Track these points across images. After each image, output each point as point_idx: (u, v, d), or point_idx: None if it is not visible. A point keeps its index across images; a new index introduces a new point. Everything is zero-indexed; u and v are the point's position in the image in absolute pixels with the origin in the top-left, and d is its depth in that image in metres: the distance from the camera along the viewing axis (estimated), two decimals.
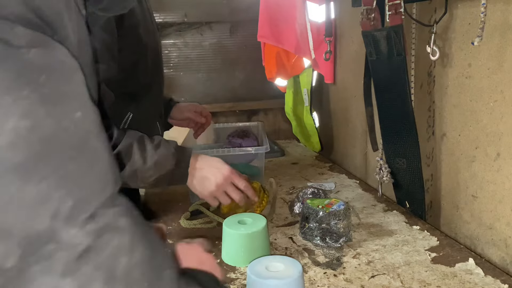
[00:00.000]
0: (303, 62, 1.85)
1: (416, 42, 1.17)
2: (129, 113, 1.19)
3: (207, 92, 2.32)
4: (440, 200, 1.19)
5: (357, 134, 1.67)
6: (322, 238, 1.04)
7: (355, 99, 1.64)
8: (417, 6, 1.15)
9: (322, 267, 0.96)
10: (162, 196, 1.45)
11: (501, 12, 0.91)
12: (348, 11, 1.50)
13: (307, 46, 1.52)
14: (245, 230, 0.99)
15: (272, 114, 2.39)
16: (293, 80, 1.98)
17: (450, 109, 1.11)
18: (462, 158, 1.08)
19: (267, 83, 2.03)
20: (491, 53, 0.95)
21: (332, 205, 1.07)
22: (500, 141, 0.95)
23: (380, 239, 1.08)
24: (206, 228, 1.18)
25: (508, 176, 0.94)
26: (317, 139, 1.95)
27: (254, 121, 1.97)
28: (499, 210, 0.98)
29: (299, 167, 1.76)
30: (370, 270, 0.94)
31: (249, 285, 0.81)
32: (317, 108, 2.02)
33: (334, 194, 1.42)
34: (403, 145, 1.19)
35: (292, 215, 1.25)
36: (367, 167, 1.61)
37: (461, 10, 1.03)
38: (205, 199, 1.08)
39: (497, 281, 0.88)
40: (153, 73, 1.26)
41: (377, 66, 1.21)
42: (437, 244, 1.05)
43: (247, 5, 2.13)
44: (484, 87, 0.98)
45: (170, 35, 2.23)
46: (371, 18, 1.16)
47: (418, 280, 0.89)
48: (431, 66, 1.15)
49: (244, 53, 2.30)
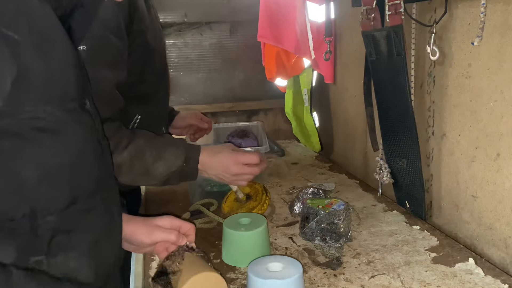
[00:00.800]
0: (303, 62, 1.85)
1: (416, 42, 1.17)
2: (137, 115, 1.21)
3: (207, 92, 2.32)
4: (440, 200, 1.19)
5: (357, 134, 1.67)
6: (322, 238, 1.04)
7: (355, 99, 1.64)
8: (417, 6, 1.15)
9: (322, 267, 0.96)
10: (162, 196, 1.45)
11: (501, 12, 0.91)
12: (348, 11, 1.50)
13: (307, 46, 1.51)
14: (245, 230, 0.99)
15: (272, 114, 2.39)
16: (293, 80, 1.98)
17: (450, 109, 1.11)
18: (462, 158, 1.08)
19: (267, 83, 2.03)
20: (491, 53, 0.95)
21: (332, 205, 1.07)
22: (500, 141, 0.95)
23: (380, 239, 1.08)
24: (206, 228, 1.18)
25: (508, 176, 0.94)
26: (317, 139, 1.96)
27: (254, 121, 1.97)
28: (499, 210, 0.98)
29: (299, 167, 1.76)
30: (370, 270, 0.94)
31: (249, 285, 0.81)
32: (317, 108, 2.02)
33: (334, 194, 1.42)
34: (403, 145, 1.19)
35: (292, 215, 1.25)
36: (367, 167, 1.61)
37: (461, 10, 1.03)
38: (230, 185, 1.18)
39: (497, 281, 0.88)
40: (160, 77, 1.29)
41: (377, 66, 1.21)
42: (437, 244, 1.05)
43: (247, 5, 2.13)
44: (484, 87, 0.98)
45: (170, 35, 2.23)
46: (371, 18, 1.16)
47: (418, 280, 0.89)
48: (431, 66, 1.15)
49: (244, 53, 2.29)
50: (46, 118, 0.55)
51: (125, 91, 1.08)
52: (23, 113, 0.53)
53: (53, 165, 0.57)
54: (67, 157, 0.59)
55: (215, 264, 0.99)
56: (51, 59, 0.56)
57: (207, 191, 1.38)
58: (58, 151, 0.57)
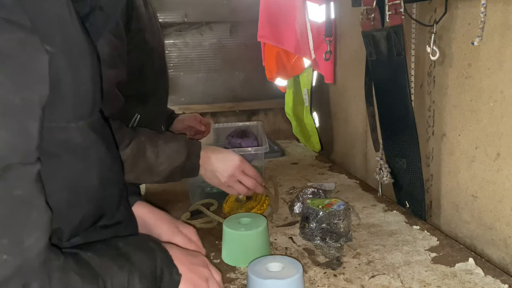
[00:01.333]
0: (303, 62, 1.85)
1: (416, 42, 1.17)
2: (136, 114, 1.21)
3: (207, 92, 2.32)
4: (440, 200, 1.19)
5: (357, 134, 1.67)
6: (322, 238, 1.04)
7: (355, 99, 1.64)
8: (417, 6, 1.15)
9: (322, 267, 0.96)
10: (162, 196, 1.45)
11: (501, 12, 0.91)
12: (348, 11, 1.50)
13: (307, 46, 1.51)
14: (245, 230, 0.99)
15: (272, 114, 2.39)
16: (293, 80, 1.98)
17: (450, 109, 1.11)
18: (462, 158, 1.08)
19: (267, 83, 2.03)
20: (491, 53, 0.95)
21: (332, 205, 1.07)
22: (500, 141, 0.95)
23: (380, 239, 1.08)
24: (206, 228, 1.18)
25: (508, 176, 0.94)
26: (317, 139, 1.95)
27: (254, 121, 1.97)
28: (499, 210, 0.98)
29: (299, 167, 1.76)
30: (370, 270, 0.94)
31: (249, 285, 0.81)
32: (317, 108, 2.02)
33: (334, 194, 1.42)
34: (403, 145, 1.19)
35: (292, 215, 1.25)
36: (367, 167, 1.61)
37: (461, 10, 1.03)
38: (221, 188, 1.14)
39: (497, 281, 0.88)
40: (159, 75, 1.29)
41: (377, 66, 1.21)
42: (437, 244, 1.05)
43: (247, 5, 2.13)
44: (484, 87, 0.98)
45: (170, 35, 2.23)
46: (371, 18, 1.16)
47: (418, 280, 0.89)
48: (431, 66, 1.15)
49: (244, 53, 2.30)
50: (78, 136, 0.53)
51: (124, 91, 1.08)
52: (58, 129, 0.50)
53: (84, 185, 0.56)
54: (97, 176, 0.57)
55: (215, 264, 0.99)
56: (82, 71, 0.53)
57: (207, 191, 1.38)
58: (89, 171, 0.56)
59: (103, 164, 0.58)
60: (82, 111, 0.53)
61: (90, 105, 0.55)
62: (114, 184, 0.62)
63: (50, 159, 0.50)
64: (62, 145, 0.51)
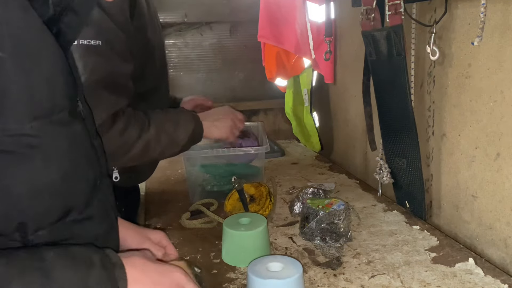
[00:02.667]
0: (303, 62, 1.85)
1: (416, 42, 1.17)
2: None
3: (207, 92, 2.32)
4: (440, 200, 1.19)
5: (357, 134, 1.67)
6: (322, 238, 1.04)
7: (355, 99, 1.64)
8: (417, 6, 1.15)
9: (322, 267, 0.96)
10: (162, 196, 1.45)
11: (501, 12, 0.91)
12: (348, 11, 1.50)
13: (307, 46, 1.51)
14: (245, 230, 0.99)
15: (272, 114, 2.39)
16: (293, 80, 1.98)
17: (450, 109, 1.11)
18: (462, 158, 1.08)
19: (267, 83, 2.03)
20: (491, 53, 0.95)
21: (332, 205, 1.07)
22: (500, 141, 0.95)
23: (380, 239, 1.08)
24: (206, 228, 1.18)
25: (508, 176, 0.94)
26: (317, 139, 1.95)
27: (254, 121, 1.97)
28: (499, 210, 0.98)
29: (299, 167, 1.77)
30: (370, 270, 0.94)
31: (249, 285, 0.81)
32: (317, 108, 2.02)
33: (334, 194, 1.42)
34: (403, 145, 1.19)
35: (292, 215, 1.25)
36: (367, 167, 1.61)
37: (461, 10, 1.03)
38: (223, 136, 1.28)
39: (497, 281, 0.88)
40: (160, 73, 1.30)
41: (377, 66, 1.21)
42: (437, 244, 1.05)
43: (247, 5, 2.13)
44: (484, 87, 0.98)
45: (170, 35, 2.23)
46: (371, 18, 1.16)
47: (418, 280, 0.89)
48: (431, 66, 1.15)
49: (244, 53, 2.29)
50: (34, 134, 0.54)
51: None
52: (10, 130, 0.52)
53: (44, 180, 0.56)
54: (58, 171, 0.58)
55: (215, 264, 0.99)
56: (36, 74, 0.54)
57: (207, 191, 1.38)
58: (49, 166, 0.56)
59: (65, 160, 0.59)
60: (37, 112, 0.54)
61: (47, 107, 0.56)
62: (81, 179, 0.62)
63: (4, 156, 0.52)
64: (16, 143, 0.53)
